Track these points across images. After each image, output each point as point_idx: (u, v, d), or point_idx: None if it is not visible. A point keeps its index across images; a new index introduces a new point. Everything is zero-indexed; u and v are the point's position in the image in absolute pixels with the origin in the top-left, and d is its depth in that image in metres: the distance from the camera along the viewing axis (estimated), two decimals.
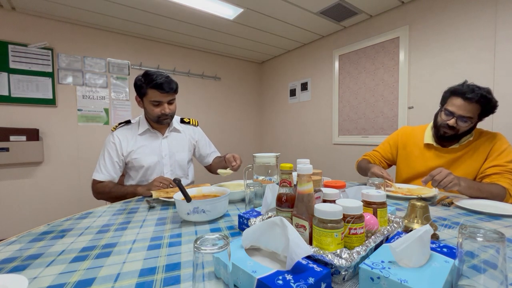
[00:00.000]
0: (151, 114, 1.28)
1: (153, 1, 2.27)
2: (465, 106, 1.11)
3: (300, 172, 0.54)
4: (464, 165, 1.21)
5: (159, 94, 1.22)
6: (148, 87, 1.22)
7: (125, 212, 0.91)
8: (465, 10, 1.99)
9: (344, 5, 2.36)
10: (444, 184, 0.96)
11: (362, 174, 1.44)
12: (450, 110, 1.15)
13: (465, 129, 1.16)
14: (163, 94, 1.23)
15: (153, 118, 1.29)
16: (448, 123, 1.16)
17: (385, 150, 1.49)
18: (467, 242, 0.38)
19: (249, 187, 0.85)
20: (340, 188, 0.64)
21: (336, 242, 0.46)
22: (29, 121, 2.47)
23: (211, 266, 0.37)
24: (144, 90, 1.23)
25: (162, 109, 1.25)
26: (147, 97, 1.25)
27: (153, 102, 1.24)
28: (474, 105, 1.11)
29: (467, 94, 1.10)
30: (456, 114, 1.13)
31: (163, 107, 1.25)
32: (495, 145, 1.16)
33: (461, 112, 1.12)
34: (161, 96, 1.23)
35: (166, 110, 1.26)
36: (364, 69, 2.70)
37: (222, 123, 3.79)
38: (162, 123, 1.32)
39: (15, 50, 2.40)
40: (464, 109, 1.12)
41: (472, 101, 1.10)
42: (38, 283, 0.47)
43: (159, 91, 1.21)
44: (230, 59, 3.85)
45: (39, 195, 2.56)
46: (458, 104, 1.13)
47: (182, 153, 1.42)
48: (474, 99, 1.09)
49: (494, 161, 1.13)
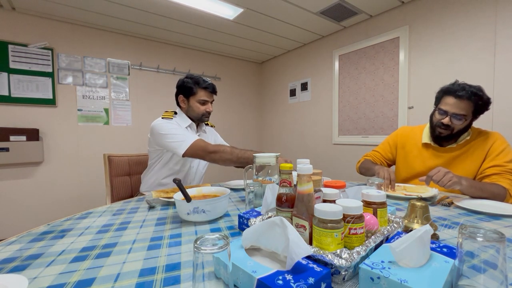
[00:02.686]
0: (196, 112, 1.42)
1: (153, 1, 2.27)
2: (458, 103, 1.14)
3: (300, 172, 0.54)
4: (462, 164, 1.21)
5: (208, 94, 1.43)
6: (199, 88, 1.40)
7: (125, 212, 0.91)
8: (465, 10, 1.99)
9: (344, 5, 2.36)
10: (442, 183, 0.95)
11: (365, 175, 1.42)
12: (443, 109, 1.18)
13: (460, 127, 1.17)
14: (210, 94, 1.44)
15: (197, 116, 1.43)
16: (442, 121, 1.18)
17: (385, 150, 1.50)
18: (467, 242, 0.38)
19: (249, 187, 0.85)
20: (340, 188, 0.64)
21: (336, 242, 0.46)
22: (29, 121, 2.47)
23: (211, 266, 0.37)
24: (194, 90, 1.40)
25: (207, 107, 1.44)
26: (195, 96, 1.41)
27: (201, 101, 1.41)
28: (466, 103, 1.13)
29: (458, 92, 1.13)
30: (450, 113, 1.16)
31: (208, 105, 1.44)
32: (494, 145, 1.17)
33: (454, 110, 1.14)
34: (208, 96, 1.43)
35: (210, 108, 1.45)
36: (364, 69, 2.69)
37: (222, 123, 3.79)
38: (203, 120, 1.48)
39: (15, 50, 2.40)
40: (457, 107, 1.14)
41: (463, 98, 1.13)
42: (38, 283, 0.47)
43: (208, 91, 1.42)
44: (230, 59, 3.85)
45: (39, 195, 2.56)
46: (451, 102, 1.16)
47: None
48: (465, 96, 1.12)
49: (493, 161, 1.14)
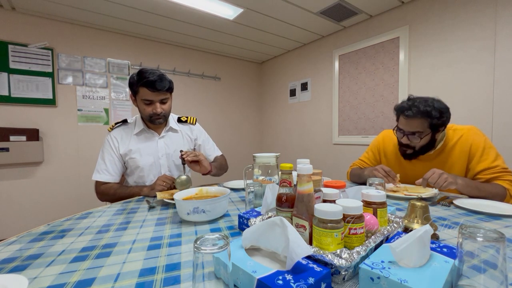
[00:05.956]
0: (143, 114, 1.26)
1: (153, 1, 2.27)
2: (409, 122, 1.14)
3: (300, 172, 0.54)
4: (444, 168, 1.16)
5: (150, 93, 1.18)
6: (140, 85, 1.18)
7: (125, 212, 0.91)
8: (465, 10, 1.99)
9: (344, 5, 2.36)
10: (438, 185, 0.96)
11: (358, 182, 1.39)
12: (399, 127, 1.18)
13: (423, 143, 1.15)
14: (154, 92, 1.18)
15: (145, 118, 1.26)
16: (401, 141, 1.19)
17: (369, 158, 1.47)
18: (467, 242, 0.38)
19: (249, 187, 0.85)
20: (340, 188, 0.64)
21: (336, 242, 0.46)
22: (29, 121, 2.47)
23: (211, 266, 0.37)
24: (136, 87, 1.20)
25: (153, 108, 1.21)
26: (139, 95, 1.22)
27: (145, 101, 1.21)
28: (417, 120, 1.11)
29: (405, 112, 1.13)
30: (406, 132, 1.15)
31: (155, 106, 1.21)
32: (473, 144, 1.13)
33: (408, 128, 1.14)
34: (152, 95, 1.19)
35: (157, 109, 1.21)
36: (364, 69, 2.69)
37: (222, 123, 3.79)
38: (154, 123, 1.28)
39: (15, 50, 2.40)
40: (409, 125, 1.14)
41: (412, 118, 1.11)
42: (38, 283, 0.47)
43: (150, 90, 1.17)
44: (230, 59, 3.85)
45: (39, 195, 2.56)
46: (403, 122, 1.16)
47: (179, 153, 1.41)
48: (412, 115, 1.11)
49: (481, 164, 1.10)
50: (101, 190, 1.25)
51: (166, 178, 1.14)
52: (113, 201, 1.19)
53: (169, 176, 1.17)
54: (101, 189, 1.25)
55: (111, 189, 1.23)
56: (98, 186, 1.26)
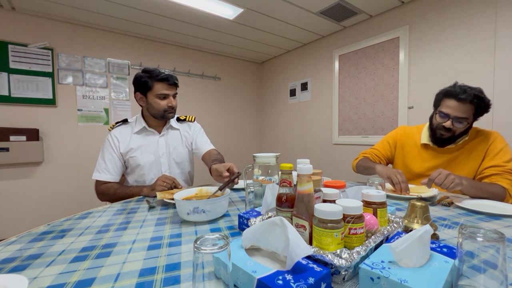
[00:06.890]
0: (157, 109, 1.29)
1: (153, 1, 2.27)
2: (459, 107, 1.12)
3: (300, 172, 0.54)
4: (461, 165, 1.21)
5: (167, 87, 1.27)
6: (155, 81, 1.25)
7: (125, 212, 0.91)
8: (465, 10, 1.99)
9: (344, 5, 2.36)
10: (445, 186, 0.95)
11: (363, 173, 1.42)
12: (445, 112, 1.16)
13: (462, 129, 1.16)
14: (170, 86, 1.28)
15: (159, 113, 1.30)
16: (444, 125, 1.16)
17: (385, 149, 1.47)
18: (467, 242, 0.38)
19: (249, 187, 0.85)
20: (340, 188, 0.64)
21: (336, 242, 0.46)
22: (29, 121, 2.47)
23: (211, 266, 0.37)
24: (150, 84, 1.25)
25: (168, 102, 1.29)
26: (152, 91, 1.27)
27: (160, 96, 1.27)
28: (468, 106, 1.11)
29: (460, 95, 1.11)
30: (452, 116, 1.14)
31: (170, 100, 1.29)
32: (492, 145, 1.16)
33: (456, 113, 1.13)
34: (168, 89, 1.28)
35: (173, 102, 1.30)
36: (364, 69, 2.69)
37: (222, 123, 3.79)
38: (167, 117, 1.33)
39: (15, 50, 2.40)
40: (458, 110, 1.13)
41: (466, 102, 1.11)
42: (38, 283, 0.47)
43: (166, 84, 1.26)
44: (230, 59, 3.85)
45: (39, 195, 2.56)
46: (452, 105, 1.14)
47: (179, 151, 1.41)
48: (467, 99, 1.10)
49: (492, 161, 1.13)
50: (101, 190, 1.26)
51: (166, 178, 1.15)
52: (113, 201, 1.20)
53: (170, 176, 1.17)
54: (101, 188, 1.26)
55: (111, 188, 1.24)
56: (98, 186, 1.27)
